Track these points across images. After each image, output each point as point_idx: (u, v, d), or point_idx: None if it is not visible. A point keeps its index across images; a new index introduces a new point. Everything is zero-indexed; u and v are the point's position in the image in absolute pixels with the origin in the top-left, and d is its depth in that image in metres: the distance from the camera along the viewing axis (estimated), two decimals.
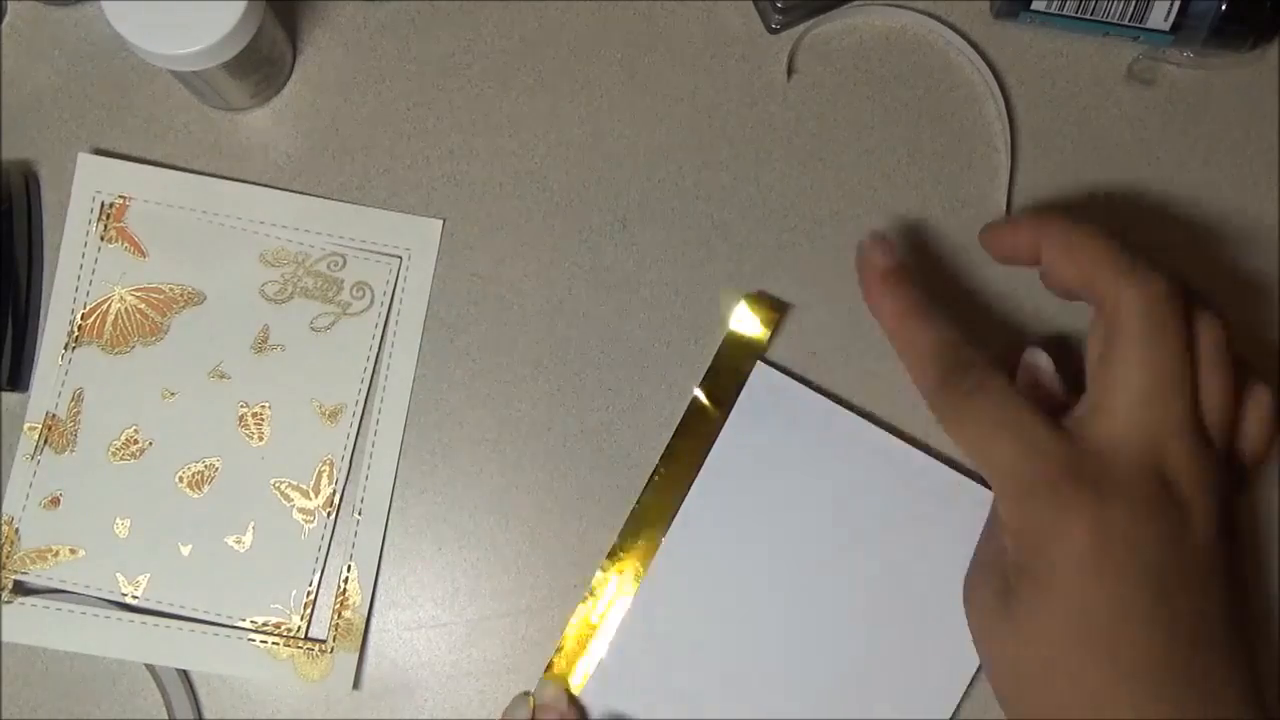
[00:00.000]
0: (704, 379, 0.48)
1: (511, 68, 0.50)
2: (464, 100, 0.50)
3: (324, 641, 0.47)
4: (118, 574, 0.47)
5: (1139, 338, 0.39)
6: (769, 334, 0.48)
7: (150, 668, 0.46)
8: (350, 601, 0.47)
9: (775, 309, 0.48)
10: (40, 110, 0.49)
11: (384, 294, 0.49)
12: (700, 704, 0.47)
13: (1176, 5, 0.48)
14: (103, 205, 0.48)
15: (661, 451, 0.48)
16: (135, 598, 0.47)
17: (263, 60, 0.46)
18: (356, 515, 0.48)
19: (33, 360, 0.48)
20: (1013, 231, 0.44)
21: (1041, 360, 0.45)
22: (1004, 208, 0.50)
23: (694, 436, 0.48)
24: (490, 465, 0.48)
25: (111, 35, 0.43)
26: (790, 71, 0.50)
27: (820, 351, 0.49)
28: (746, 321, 0.48)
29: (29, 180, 0.48)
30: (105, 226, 0.48)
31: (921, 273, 0.49)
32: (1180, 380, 0.39)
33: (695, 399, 0.48)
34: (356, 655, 0.47)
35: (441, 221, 0.49)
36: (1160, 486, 0.38)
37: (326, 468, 0.48)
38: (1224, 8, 0.48)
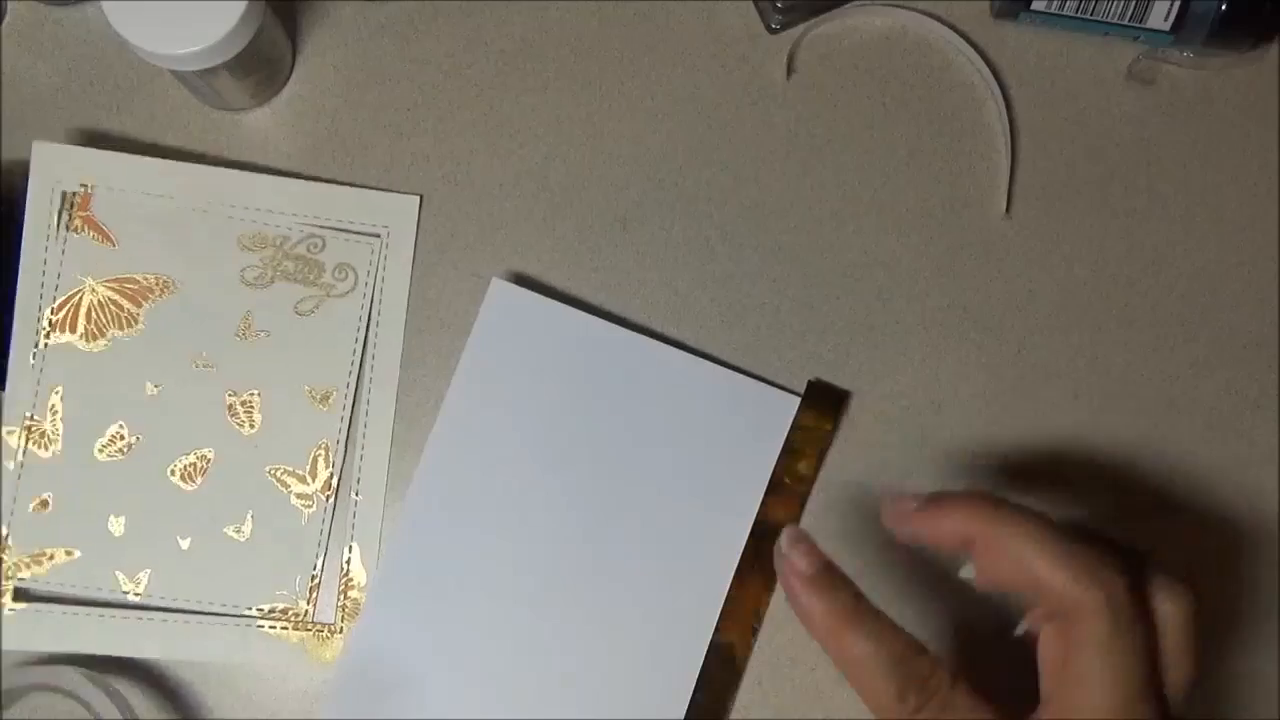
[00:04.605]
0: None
1: (511, 68, 0.50)
2: (464, 100, 0.50)
3: (332, 623, 0.47)
4: (117, 572, 0.47)
5: (1104, 645, 0.35)
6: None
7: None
8: (355, 581, 0.47)
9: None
10: (41, 110, 0.49)
11: (367, 274, 0.48)
12: (474, 628, 0.46)
13: (1176, 5, 0.48)
14: (64, 195, 0.47)
15: None
16: (137, 595, 0.47)
17: (263, 60, 0.46)
18: (355, 495, 0.48)
19: None
20: (934, 517, 0.38)
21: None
22: (1004, 208, 0.50)
23: None
24: None
25: (111, 35, 0.42)
26: (790, 71, 0.50)
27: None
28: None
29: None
30: (70, 216, 0.47)
31: (921, 273, 0.50)
32: (1149, 687, 0.36)
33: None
34: None
35: (419, 196, 0.49)
36: None
37: (322, 452, 0.48)
38: (1224, 8, 0.48)
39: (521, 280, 0.49)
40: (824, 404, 0.48)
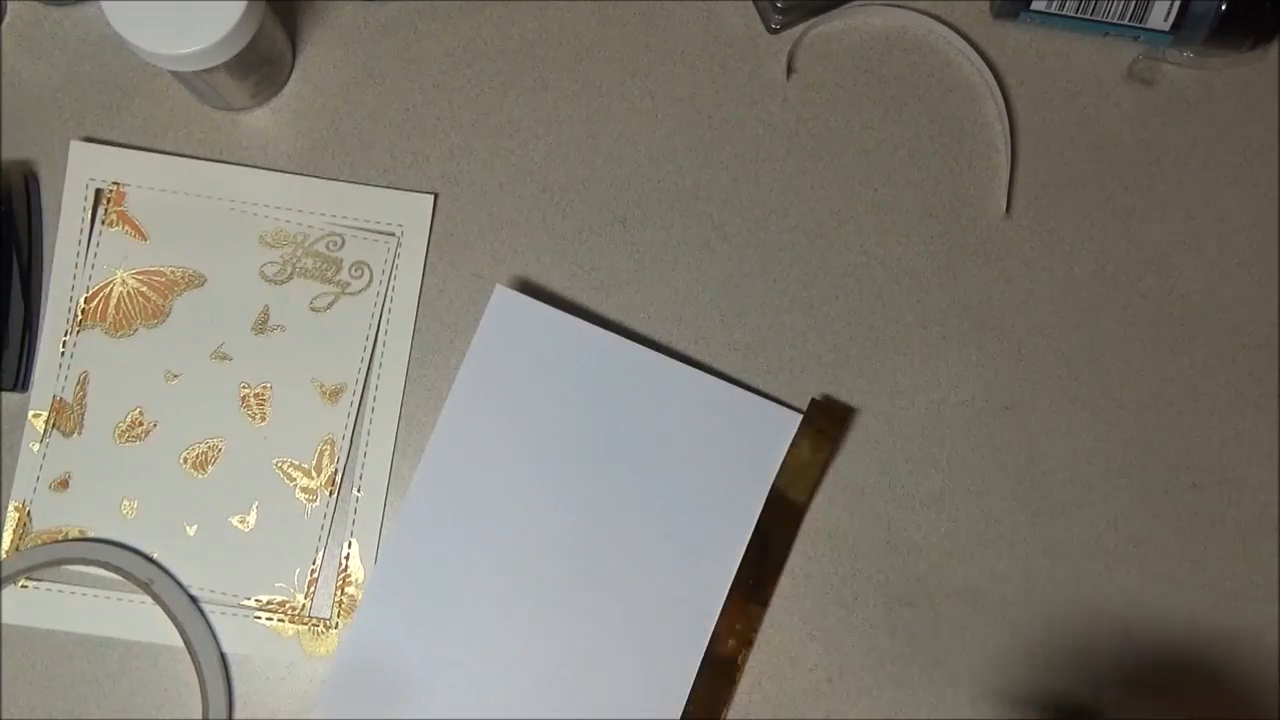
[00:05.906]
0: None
1: (511, 68, 0.50)
2: (464, 100, 0.50)
3: (327, 618, 0.47)
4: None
5: None
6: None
7: (193, 656, 0.47)
8: (352, 578, 0.48)
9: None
10: (40, 110, 0.49)
11: (382, 273, 0.49)
12: (470, 630, 0.46)
13: (1176, 5, 0.48)
14: (98, 191, 0.48)
15: None
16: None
17: (263, 60, 0.46)
18: (356, 493, 0.48)
19: (33, 360, 0.48)
20: None
21: None
22: (1004, 208, 0.50)
23: None
24: None
25: (111, 35, 0.43)
26: (790, 71, 0.50)
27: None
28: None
29: (29, 180, 0.48)
30: (105, 210, 0.48)
31: (921, 273, 0.50)
32: None
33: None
34: None
35: (433, 196, 0.49)
36: None
37: (328, 447, 0.48)
38: (1224, 8, 0.48)
39: (524, 285, 0.49)
40: (826, 422, 0.48)
